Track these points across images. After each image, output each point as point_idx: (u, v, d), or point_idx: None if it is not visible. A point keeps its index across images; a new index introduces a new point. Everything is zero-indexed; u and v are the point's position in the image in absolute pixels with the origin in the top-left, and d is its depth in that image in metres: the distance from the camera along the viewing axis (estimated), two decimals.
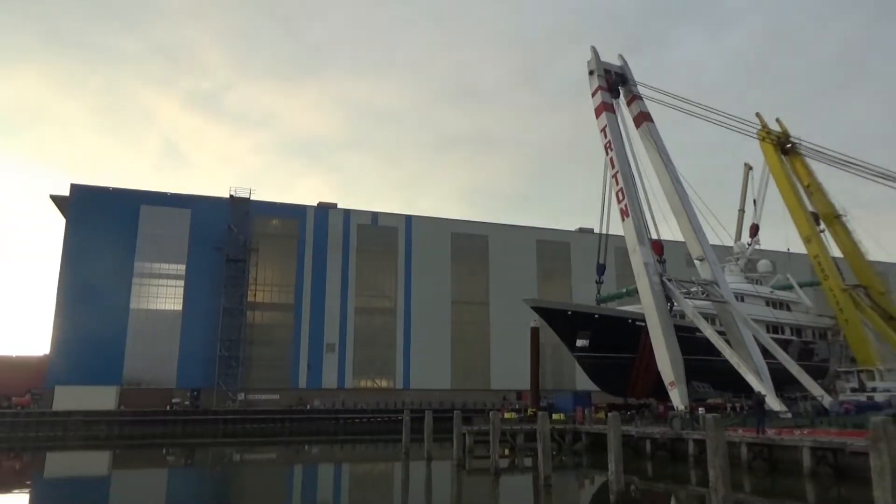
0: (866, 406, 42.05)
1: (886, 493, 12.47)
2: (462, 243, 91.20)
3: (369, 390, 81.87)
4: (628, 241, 49.23)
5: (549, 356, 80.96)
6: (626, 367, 55.45)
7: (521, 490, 30.69)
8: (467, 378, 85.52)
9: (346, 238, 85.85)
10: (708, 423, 19.38)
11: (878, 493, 12.63)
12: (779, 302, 70.62)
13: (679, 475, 32.68)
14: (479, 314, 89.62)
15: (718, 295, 50.15)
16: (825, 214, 63.21)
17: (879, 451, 12.84)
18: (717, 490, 17.91)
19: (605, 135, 52.19)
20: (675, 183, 52.07)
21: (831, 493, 26.37)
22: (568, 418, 49.17)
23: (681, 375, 44.47)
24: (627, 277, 63.70)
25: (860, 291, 61.59)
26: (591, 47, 55.27)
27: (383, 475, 39.46)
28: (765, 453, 31.55)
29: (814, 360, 66.50)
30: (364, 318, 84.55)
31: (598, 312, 57.62)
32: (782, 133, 63.61)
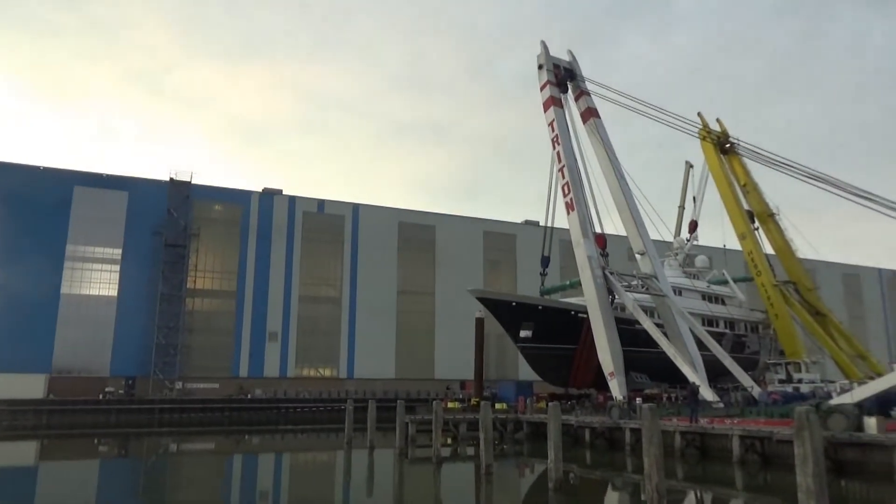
0: (792, 396, 44.06)
1: (808, 479, 13.07)
2: (409, 233, 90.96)
3: (312, 379, 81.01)
4: (573, 234, 50.04)
5: (493, 346, 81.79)
6: (567, 358, 56.47)
7: (462, 478, 30.93)
8: (412, 367, 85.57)
9: (291, 225, 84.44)
10: (644, 413, 19.93)
11: (801, 479, 13.23)
12: (714, 296, 73.18)
13: (616, 463, 33.55)
14: (424, 304, 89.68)
15: (657, 289, 51.55)
16: (759, 213, 65.75)
17: (803, 440, 13.45)
18: (651, 477, 18.46)
19: (552, 129, 52.78)
20: (619, 178, 53.15)
21: (758, 479, 27.53)
22: (510, 408, 49.82)
23: (620, 366, 45.59)
24: (571, 270, 64.80)
25: (790, 287, 64.41)
26: (541, 42, 55.74)
27: (325, 465, 39.13)
28: (697, 441, 32.70)
29: (745, 353, 69.26)
30: (308, 306, 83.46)
31: (541, 304, 58.44)
32: (722, 133, 65.66)
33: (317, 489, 28.41)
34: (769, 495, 25.21)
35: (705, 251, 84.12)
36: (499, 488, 27.21)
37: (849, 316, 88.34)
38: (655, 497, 18.26)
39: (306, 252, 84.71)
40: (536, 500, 25.23)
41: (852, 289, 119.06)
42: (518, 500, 26.03)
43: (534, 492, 27.58)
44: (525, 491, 28.85)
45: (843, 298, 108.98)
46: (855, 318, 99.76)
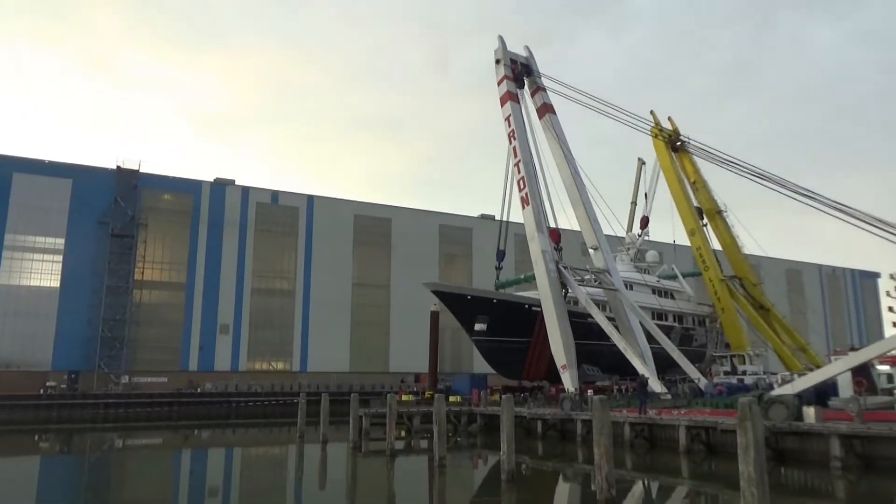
0: (737, 388, 45.53)
1: (750, 467, 13.51)
2: (365, 225, 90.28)
3: (265, 373, 79.78)
4: (528, 228, 50.48)
5: (448, 339, 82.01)
6: (521, 351, 57.08)
7: (415, 471, 31.00)
8: (366, 361, 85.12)
9: (244, 216, 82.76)
10: (594, 404, 20.29)
11: (743, 467, 13.66)
12: (664, 290, 74.99)
13: (567, 454, 34.12)
14: (380, 297, 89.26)
15: (610, 283, 52.48)
16: (708, 210, 67.58)
17: (745, 429, 13.88)
18: (601, 467, 18.82)
19: (508, 124, 53.11)
20: (573, 174, 53.87)
21: (703, 467, 28.39)
22: (464, 400, 50.10)
23: (572, 359, 46.28)
24: (526, 264, 65.40)
25: (736, 282, 66.45)
26: (499, 36, 55.95)
27: (277, 459, 38.69)
28: (646, 432, 33.51)
29: (693, 346, 71.23)
30: (261, 298, 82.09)
31: (496, 297, 58.86)
32: (673, 131, 67.13)
33: (268, 484, 28.05)
34: (713, 483, 26.02)
35: (656, 246, 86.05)
36: (452, 480, 27.36)
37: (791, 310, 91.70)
38: (605, 486, 18.62)
39: (259, 244, 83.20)
40: (489, 492, 25.44)
41: (794, 284, 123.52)
42: (471, 492, 26.22)
43: (487, 483, 27.83)
44: (478, 483, 29.09)
45: (786, 293, 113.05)
46: (796, 313, 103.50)
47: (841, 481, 23.85)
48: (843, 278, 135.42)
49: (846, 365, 32.08)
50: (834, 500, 22.43)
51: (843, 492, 23.11)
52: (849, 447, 24.89)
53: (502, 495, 22.77)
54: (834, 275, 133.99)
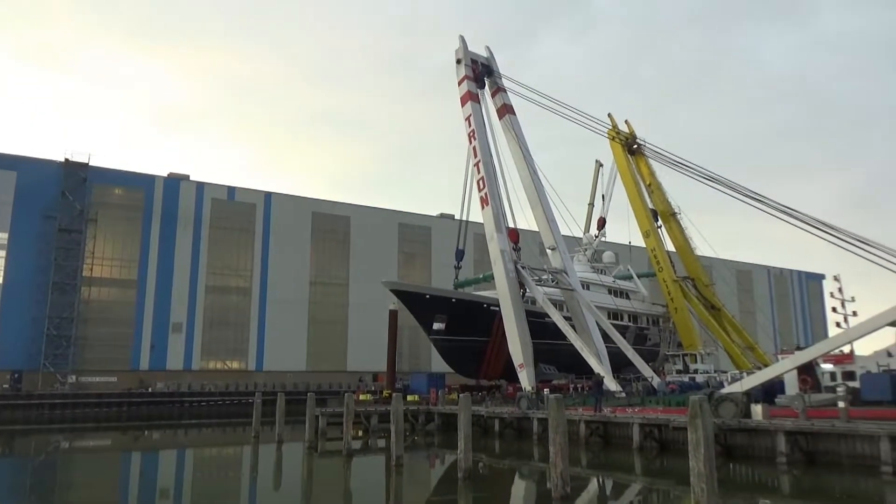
0: (688, 386, 46.58)
1: (700, 463, 13.83)
2: (323, 223, 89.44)
3: (219, 372, 78.30)
4: (487, 228, 50.76)
5: (406, 338, 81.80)
6: (479, 350, 57.32)
7: (372, 471, 30.84)
8: (323, 360, 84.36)
9: (199, 212, 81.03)
10: (550, 403, 20.49)
11: (693, 463, 13.98)
12: (619, 291, 76.32)
13: (524, 452, 34.40)
14: (338, 295, 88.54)
15: (567, 283, 53.15)
16: (662, 212, 69.04)
17: (696, 426, 14.21)
18: (556, 465, 19.03)
19: (469, 124, 53.31)
20: (532, 175, 54.38)
21: (655, 464, 28.96)
22: (422, 399, 50.03)
23: (530, 358, 46.73)
24: (485, 263, 65.69)
25: (689, 283, 68.06)
26: (460, 36, 56.11)
27: (231, 460, 37.96)
28: (600, 430, 34.02)
29: (647, 345, 72.68)
30: (216, 296, 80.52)
31: (454, 297, 59.00)
32: (630, 134, 68.36)
33: (222, 485, 27.54)
34: (665, 479, 26.56)
35: (612, 247, 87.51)
36: (409, 479, 27.30)
37: (740, 310, 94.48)
38: (560, 484, 18.84)
39: (215, 240, 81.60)
40: (446, 491, 25.46)
41: (744, 285, 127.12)
42: (428, 491, 26.20)
43: (443, 482, 27.86)
44: (435, 481, 29.09)
45: (736, 294, 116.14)
46: (746, 313, 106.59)
47: (786, 476, 24.63)
48: (790, 280, 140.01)
49: (792, 364, 33.17)
50: (779, 494, 23.15)
51: (788, 486, 23.87)
52: (794, 443, 25.72)
53: (459, 494, 22.83)
54: (781, 276, 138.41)
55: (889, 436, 22.82)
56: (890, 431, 23.02)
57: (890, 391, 29.90)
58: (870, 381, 31.62)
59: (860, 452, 24.26)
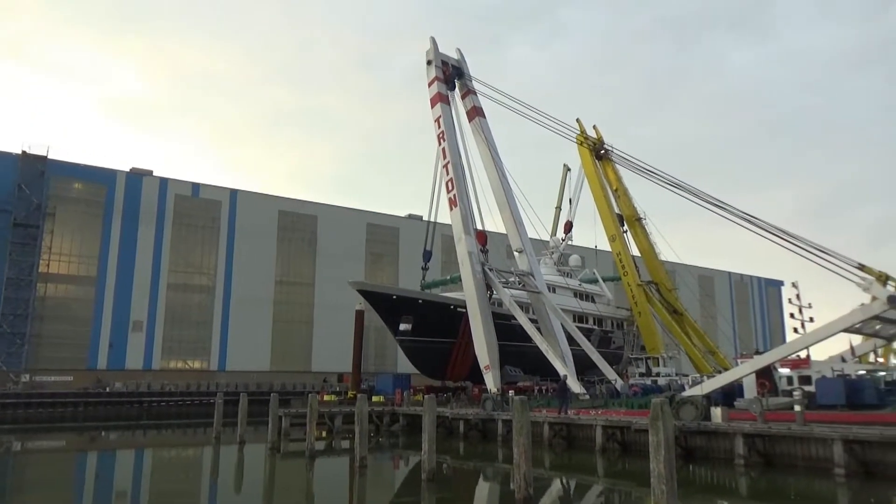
0: (651, 389, 47.23)
1: (660, 465, 14.01)
2: (290, 222, 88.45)
3: (180, 372, 76.78)
4: (455, 230, 50.78)
5: (372, 339, 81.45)
6: (445, 352, 57.34)
7: (335, 472, 30.59)
8: (288, 360, 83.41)
9: (162, 208, 79.40)
10: (514, 405, 20.56)
11: (654, 465, 14.16)
12: (585, 294, 77.08)
13: (488, 453, 34.49)
14: (303, 295, 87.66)
15: (533, 285, 53.45)
16: (628, 216, 70.00)
17: (657, 429, 14.40)
18: (520, 466, 19.09)
19: (438, 125, 53.29)
20: (501, 177, 54.56)
21: (617, 465, 29.31)
22: (387, 400, 49.84)
23: (495, 360, 46.85)
24: (452, 265, 65.74)
25: (653, 287, 69.08)
26: (431, 38, 56.05)
27: (191, 461, 37.26)
28: (564, 432, 34.29)
29: (611, 348, 73.51)
30: (178, 294, 78.99)
31: (421, 298, 58.91)
32: (597, 139, 69.16)
33: (181, 487, 26.99)
34: (626, 480, 26.87)
35: (578, 251, 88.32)
36: (372, 481, 27.14)
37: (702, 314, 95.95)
38: (523, 485, 18.90)
39: (178, 238, 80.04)
40: (409, 492, 25.37)
41: (706, 290, 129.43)
42: (391, 493, 26.07)
43: (407, 483, 27.75)
44: (399, 483, 28.98)
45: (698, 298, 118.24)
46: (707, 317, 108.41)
47: (744, 478, 25.14)
48: (751, 285, 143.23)
49: (751, 368, 33.92)
50: (736, 495, 23.61)
51: (745, 488, 24.36)
52: (752, 445, 26.27)
53: (422, 495, 22.76)
54: (742, 282, 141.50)
55: (842, 439, 23.44)
56: (843, 435, 23.65)
57: (844, 396, 30.73)
58: (825, 385, 32.43)
59: (815, 455, 24.89)
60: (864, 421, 26.27)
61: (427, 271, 59.96)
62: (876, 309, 28.02)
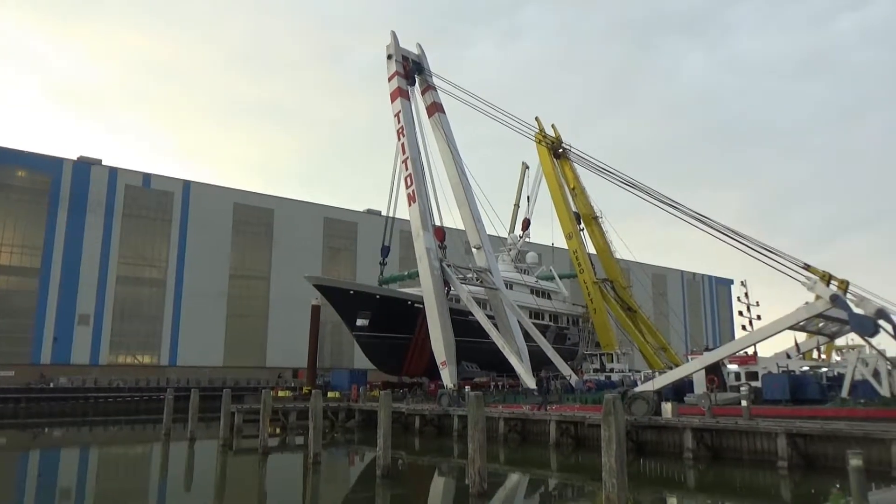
0: (605, 384, 48.10)
1: (612, 459, 14.22)
2: (246, 215, 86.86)
3: (129, 367, 74.73)
4: (413, 225, 50.68)
5: (328, 334, 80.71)
6: (402, 347, 57.22)
7: (288, 468, 30.16)
8: (242, 355, 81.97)
9: (111, 199, 76.92)
10: (470, 400, 20.60)
11: (605, 459, 14.37)
12: (541, 291, 77.89)
13: (444, 449, 34.52)
14: (259, 289, 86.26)
15: (491, 282, 53.76)
16: (585, 215, 71.02)
17: (609, 424, 14.61)
18: (475, 461, 19.15)
19: (398, 120, 53.08)
20: (460, 174, 54.66)
21: (570, 460, 29.69)
22: (343, 396, 49.48)
23: (452, 356, 46.97)
24: (411, 260, 65.61)
25: (608, 285, 70.30)
26: (391, 32, 55.76)
27: (139, 458, 36.28)
28: (519, 427, 34.56)
29: (566, 344, 74.51)
30: (128, 287, 76.76)
31: (379, 293, 58.64)
32: (556, 138, 69.92)
33: (128, 485, 26.24)
34: (579, 474, 27.24)
35: (536, 248, 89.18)
36: (326, 477, 26.89)
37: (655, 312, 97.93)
38: (477, 480, 18.97)
39: (128, 229, 77.73)
40: (364, 488, 25.20)
41: (659, 288, 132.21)
42: (346, 489, 25.86)
43: (362, 479, 27.59)
44: (353, 479, 28.78)
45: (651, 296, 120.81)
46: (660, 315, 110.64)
47: (692, 471, 25.75)
48: (702, 284, 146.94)
49: (701, 364, 34.75)
50: (684, 488, 24.16)
51: (693, 480, 24.96)
52: (700, 439, 26.94)
53: (376, 491, 22.64)
54: (694, 280, 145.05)
55: (786, 433, 24.21)
56: (787, 429, 24.43)
57: (788, 391, 31.79)
58: (770, 381, 33.52)
59: (760, 448, 25.66)
60: (806, 415, 27.20)
61: (385, 266, 59.75)
62: (820, 307, 29.01)
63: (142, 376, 72.04)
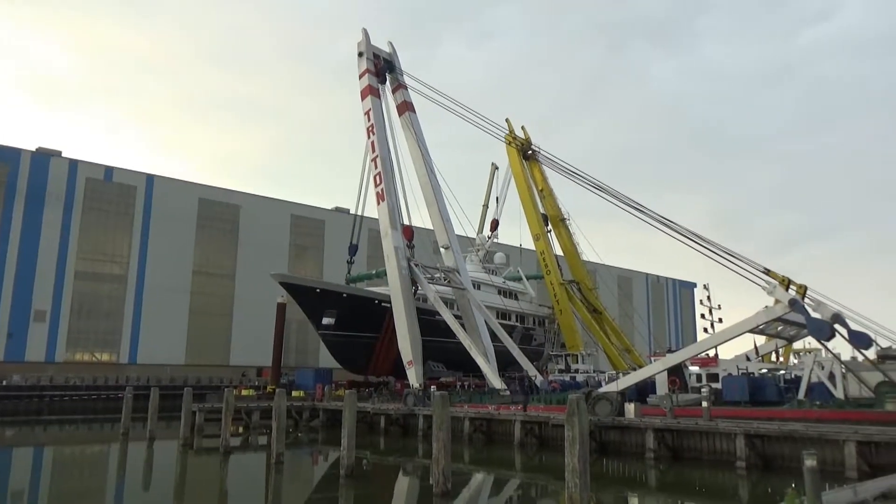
0: (570, 384, 48.50)
1: (575, 459, 14.33)
2: (211, 210, 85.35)
3: (87, 364, 72.78)
4: (382, 224, 50.48)
5: (294, 333, 79.86)
6: (369, 346, 56.90)
7: (250, 468, 29.79)
8: (205, 353, 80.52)
9: (71, 192, 74.79)
10: (435, 400, 20.57)
11: (569, 459, 14.46)
12: (508, 291, 78.30)
13: (409, 448, 34.45)
14: (223, 286, 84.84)
15: (459, 282, 53.82)
16: (553, 217, 71.55)
17: (572, 424, 14.72)
18: (439, 461, 19.13)
19: (368, 118, 52.84)
20: (429, 173, 54.63)
21: (535, 460, 29.88)
22: (308, 395, 49.03)
23: (419, 355, 46.91)
24: (378, 259, 65.28)
25: (574, 286, 70.92)
26: (363, 29, 55.50)
27: (96, 458, 35.42)
28: (484, 427, 34.66)
29: (532, 345, 75.00)
30: (87, 283, 74.75)
31: (346, 291, 58.23)
32: (525, 140, 70.32)
33: (85, 485, 25.58)
34: (543, 474, 27.45)
35: (504, 249, 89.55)
36: (289, 477, 26.59)
37: (620, 314, 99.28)
38: (441, 479, 18.95)
39: (88, 223, 75.67)
40: (327, 488, 25.00)
41: (625, 290, 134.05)
42: (309, 489, 25.62)
43: (325, 479, 27.37)
44: (316, 479, 28.52)
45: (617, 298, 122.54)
46: (624, 317, 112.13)
47: (653, 471, 26.13)
48: (666, 286, 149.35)
49: (663, 366, 35.34)
50: (646, 488, 24.51)
51: (654, 480, 25.32)
52: (661, 440, 27.34)
53: (340, 490, 22.47)
54: (658, 283, 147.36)
55: (744, 433, 24.73)
56: (745, 429, 24.95)
57: (747, 392, 32.47)
58: (730, 382, 34.21)
59: (719, 449, 26.16)
60: (764, 416, 27.80)
61: (352, 265, 59.36)
62: (779, 311, 29.73)
63: (100, 374, 70.13)
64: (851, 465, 21.92)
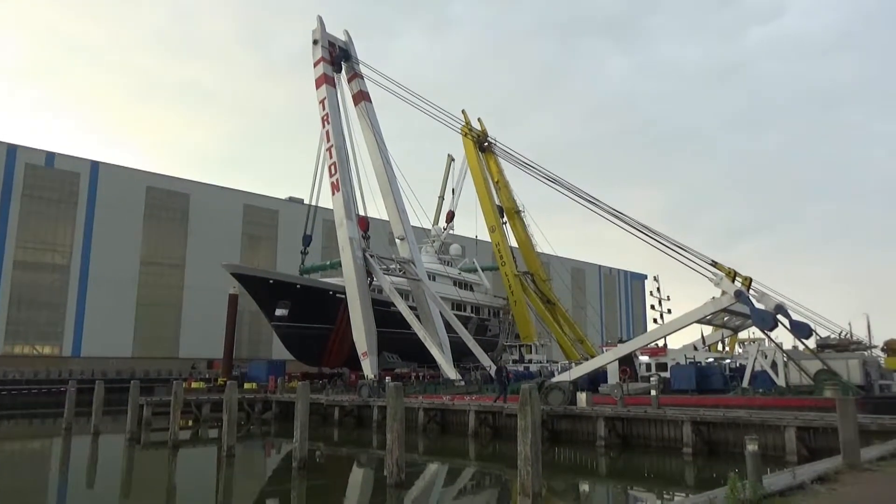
0: (523, 375, 49.05)
1: (527, 447, 14.49)
2: (159, 199, 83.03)
3: (27, 357, 70.15)
4: (336, 214, 50.05)
5: (246, 324, 78.60)
6: (323, 338, 56.44)
7: (200, 462, 29.22)
8: (153, 345, 78.54)
9: (9, 179, 71.68)
10: (389, 391, 20.53)
11: (521, 448, 14.62)
12: (464, 282, 78.67)
13: (363, 440, 34.34)
14: (172, 277, 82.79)
15: (414, 273, 53.79)
16: (508, 209, 72.10)
17: (525, 413, 14.88)
18: (393, 452, 19.10)
19: (323, 107, 52.17)
20: (385, 164, 54.33)
21: (488, 449, 30.15)
22: (260, 387, 48.32)
23: (373, 346, 46.77)
24: (333, 250, 64.66)
25: (528, 278, 71.70)
26: (318, 17, 54.73)
27: (36, 454, 34.17)
28: (438, 417, 34.76)
29: (487, 336, 75.58)
30: (26, 273, 71.91)
31: (299, 282, 57.56)
32: (481, 132, 70.52)
33: (23, 484, 24.62)
34: (496, 463, 27.70)
35: (459, 240, 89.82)
36: (241, 470, 26.18)
37: (573, 305, 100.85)
38: (395, 471, 18.94)
39: (28, 211, 72.69)
40: (279, 481, 24.70)
41: (578, 281, 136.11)
42: (261, 482, 25.26)
43: (278, 472, 27.04)
44: (269, 472, 28.17)
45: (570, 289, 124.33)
46: (577, 308, 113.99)
47: (603, 458, 26.68)
48: (618, 278, 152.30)
49: (614, 356, 36.06)
50: (596, 475, 25.01)
51: (605, 467, 25.87)
52: (612, 428, 27.92)
53: (292, 483, 22.24)
54: (611, 275, 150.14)
55: (691, 421, 25.46)
56: (692, 417, 25.68)
57: (695, 381, 33.39)
58: (678, 371, 35.10)
59: (667, 436, 26.86)
60: (710, 404, 28.65)
61: (306, 256, 58.73)
62: (725, 302, 30.63)
63: (41, 368, 67.72)
64: (791, 449, 22.79)
